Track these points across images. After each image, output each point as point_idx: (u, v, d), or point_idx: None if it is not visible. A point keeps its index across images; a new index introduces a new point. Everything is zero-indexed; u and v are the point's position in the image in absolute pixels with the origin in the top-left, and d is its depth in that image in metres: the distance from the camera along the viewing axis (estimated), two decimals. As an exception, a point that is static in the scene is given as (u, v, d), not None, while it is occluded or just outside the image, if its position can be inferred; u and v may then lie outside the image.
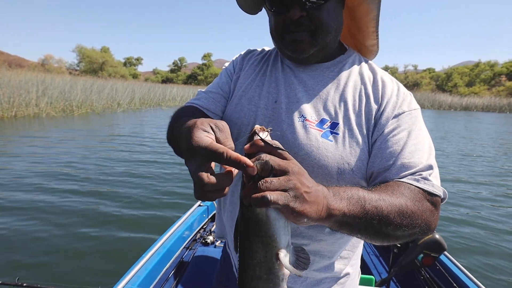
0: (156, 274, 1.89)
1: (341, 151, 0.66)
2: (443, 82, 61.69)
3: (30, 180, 5.00)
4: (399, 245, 1.90)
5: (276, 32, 0.72)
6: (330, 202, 0.49)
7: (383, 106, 0.69)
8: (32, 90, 13.55)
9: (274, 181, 0.42)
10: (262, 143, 0.46)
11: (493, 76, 59.01)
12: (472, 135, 14.18)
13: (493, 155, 9.24)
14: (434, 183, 0.62)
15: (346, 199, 0.51)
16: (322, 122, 0.69)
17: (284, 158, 0.46)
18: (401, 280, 1.99)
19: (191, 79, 71.31)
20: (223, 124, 0.49)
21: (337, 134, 0.67)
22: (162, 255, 1.96)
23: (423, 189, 0.61)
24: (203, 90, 0.86)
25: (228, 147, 0.44)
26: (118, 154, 7.17)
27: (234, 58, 0.90)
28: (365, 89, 0.72)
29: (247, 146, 0.47)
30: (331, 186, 0.53)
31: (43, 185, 4.80)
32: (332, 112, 0.69)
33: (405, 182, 0.61)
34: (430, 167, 0.64)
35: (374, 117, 0.69)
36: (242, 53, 0.89)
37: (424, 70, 73.34)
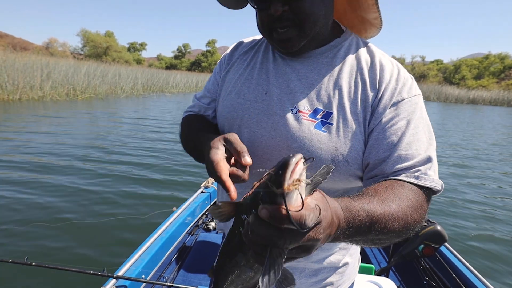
0: (159, 258, 1.93)
1: (335, 142, 0.64)
2: (451, 74, 60.59)
3: (35, 160, 5.07)
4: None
5: (263, 30, 0.69)
6: (345, 224, 0.44)
7: (381, 92, 0.64)
8: (36, 73, 13.55)
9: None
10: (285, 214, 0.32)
11: (503, 69, 57.78)
12: (476, 129, 14.06)
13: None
14: (434, 178, 0.60)
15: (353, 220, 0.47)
16: (315, 112, 0.66)
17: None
18: (401, 269, 2.02)
19: (195, 66, 70.79)
20: (231, 137, 0.59)
21: (331, 124, 0.64)
22: (165, 239, 1.99)
23: (421, 186, 0.59)
24: (197, 95, 0.90)
25: (241, 152, 0.57)
26: (122, 138, 7.21)
27: (223, 55, 0.88)
28: (362, 74, 0.67)
29: (264, 212, 0.33)
30: (343, 201, 0.47)
31: (49, 166, 4.86)
32: (326, 101, 0.66)
33: (405, 181, 0.58)
34: (428, 160, 0.61)
35: (371, 105, 0.64)
36: (232, 47, 0.87)
37: (432, 62, 71.99)
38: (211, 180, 2.87)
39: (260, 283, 0.33)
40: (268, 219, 0.32)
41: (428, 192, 0.60)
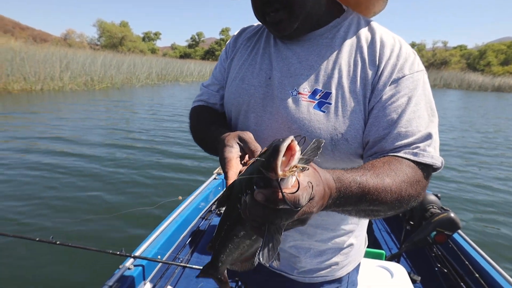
0: (174, 241, 2.00)
1: (334, 121, 0.64)
2: (475, 60, 57.45)
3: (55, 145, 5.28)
4: (411, 222, 1.91)
5: (257, 14, 0.69)
6: (336, 194, 0.46)
7: (381, 69, 0.63)
8: (56, 64, 13.94)
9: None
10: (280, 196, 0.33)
11: (534, 54, 54.37)
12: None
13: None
14: (434, 155, 0.59)
15: (346, 188, 0.48)
16: (314, 93, 0.66)
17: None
18: (412, 256, 2.01)
19: (209, 54, 70.62)
20: (245, 136, 0.59)
21: (330, 104, 0.64)
22: (180, 223, 2.06)
23: (421, 162, 0.59)
24: (204, 83, 0.91)
25: (255, 151, 0.56)
26: (143, 125, 7.38)
27: (227, 42, 0.89)
28: (361, 52, 0.65)
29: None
30: (335, 173, 0.48)
31: (69, 151, 5.06)
32: (325, 81, 0.66)
33: (403, 157, 0.58)
34: (428, 136, 0.60)
35: (371, 82, 0.63)
36: (236, 33, 0.87)
37: (455, 47, 68.63)
38: (224, 167, 2.91)
39: (260, 258, 0.34)
40: (264, 203, 0.34)
41: (427, 168, 0.60)
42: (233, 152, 0.57)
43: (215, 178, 2.80)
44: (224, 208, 0.49)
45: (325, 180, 0.42)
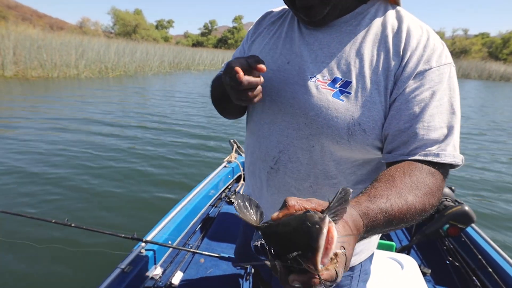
0: (184, 227, 2.04)
1: (352, 111, 0.62)
2: (498, 49, 54.85)
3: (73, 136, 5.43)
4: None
5: None
6: (363, 231, 0.45)
7: (405, 60, 0.60)
8: (71, 52, 14.17)
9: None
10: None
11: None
12: None
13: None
14: (455, 154, 0.59)
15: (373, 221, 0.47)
16: (334, 81, 0.65)
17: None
18: (423, 248, 1.98)
19: (221, 43, 70.15)
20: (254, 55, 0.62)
21: (349, 93, 0.63)
22: (190, 210, 2.09)
23: (442, 163, 0.58)
24: (226, 62, 0.91)
25: (258, 60, 0.60)
26: (152, 115, 7.48)
27: (251, 26, 0.89)
28: (386, 41, 0.63)
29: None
30: (361, 206, 0.46)
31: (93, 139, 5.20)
32: (346, 70, 0.64)
33: (424, 161, 0.57)
34: (450, 134, 0.59)
35: (395, 73, 0.61)
36: (260, 16, 0.87)
37: (476, 35, 65.58)
38: (233, 155, 2.92)
39: None
40: (299, 286, 0.33)
41: (447, 168, 0.59)
42: (241, 60, 0.61)
43: (225, 166, 2.82)
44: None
45: (354, 224, 0.41)
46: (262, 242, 0.38)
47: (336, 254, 0.32)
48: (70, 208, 3.15)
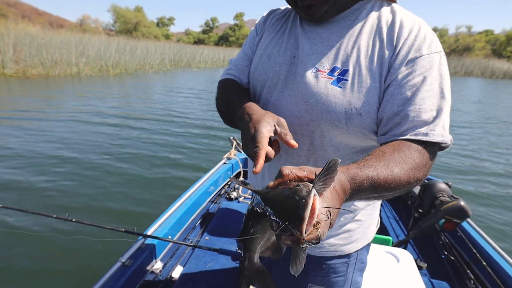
0: (184, 222, 2.07)
1: (349, 96, 0.67)
2: (502, 46, 54.28)
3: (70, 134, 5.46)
4: (420, 210, 1.89)
5: None
6: (349, 193, 0.49)
7: (398, 49, 0.65)
8: (71, 50, 14.18)
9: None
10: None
11: None
12: None
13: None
14: (443, 133, 0.63)
15: (360, 186, 0.52)
16: (333, 70, 0.70)
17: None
18: (419, 243, 2.00)
19: (223, 40, 69.97)
20: (283, 121, 0.64)
21: (346, 80, 0.68)
22: (189, 206, 2.12)
23: (429, 142, 0.62)
24: (233, 59, 0.95)
25: (288, 138, 0.61)
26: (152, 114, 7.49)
27: (257, 21, 0.94)
28: (380, 33, 0.68)
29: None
30: (350, 172, 0.50)
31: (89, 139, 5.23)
32: (344, 60, 0.69)
33: (413, 140, 0.61)
34: (440, 115, 0.63)
35: (388, 61, 0.66)
36: (267, 13, 0.92)
37: (480, 32, 65.00)
38: (233, 152, 2.94)
39: (291, 270, 0.43)
40: (289, 244, 0.40)
41: (435, 147, 0.63)
42: (269, 129, 0.61)
43: (224, 163, 2.84)
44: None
45: (341, 187, 0.46)
46: (261, 205, 0.45)
47: (319, 222, 0.38)
48: (70, 203, 3.19)
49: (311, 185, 0.40)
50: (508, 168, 5.13)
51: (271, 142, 0.62)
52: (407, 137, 0.62)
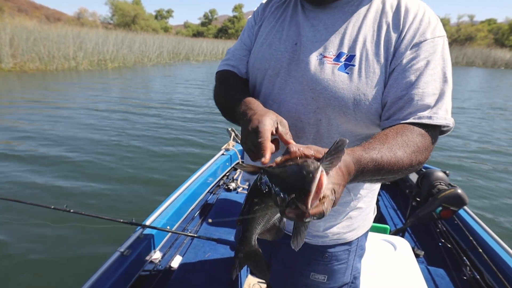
0: (183, 212, 2.07)
1: (357, 82, 0.67)
2: (504, 35, 53.45)
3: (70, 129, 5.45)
4: (418, 199, 1.89)
5: None
6: (354, 175, 0.51)
7: (403, 33, 0.66)
8: (69, 44, 14.08)
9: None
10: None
11: None
12: None
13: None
14: (446, 116, 0.64)
15: (364, 167, 0.53)
16: (339, 56, 0.69)
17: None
18: (416, 231, 2.02)
19: (222, 32, 69.34)
20: (285, 122, 0.63)
21: (353, 65, 0.67)
22: (188, 196, 2.12)
23: (432, 125, 0.63)
24: (231, 49, 0.93)
25: (288, 137, 0.60)
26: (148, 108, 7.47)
27: (255, 9, 0.91)
28: (386, 17, 0.68)
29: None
30: (355, 154, 0.52)
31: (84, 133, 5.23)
32: (350, 45, 0.69)
33: (416, 124, 0.62)
34: (442, 98, 0.64)
35: (394, 46, 0.66)
36: (264, 2, 0.90)
37: (482, 22, 64.05)
38: (231, 143, 2.94)
39: (292, 245, 0.45)
40: (294, 219, 0.40)
41: (437, 131, 0.64)
42: (272, 123, 0.60)
43: (223, 154, 2.84)
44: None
45: (346, 169, 0.47)
46: (266, 182, 0.46)
47: (324, 197, 0.39)
48: (69, 193, 3.20)
49: (318, 162, 0.40)
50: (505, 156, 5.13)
51: (271, 141, 0.61)
52: (410, 120, 0.62)
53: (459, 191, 1.60)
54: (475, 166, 4.66)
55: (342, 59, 0.68)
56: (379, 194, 2.68)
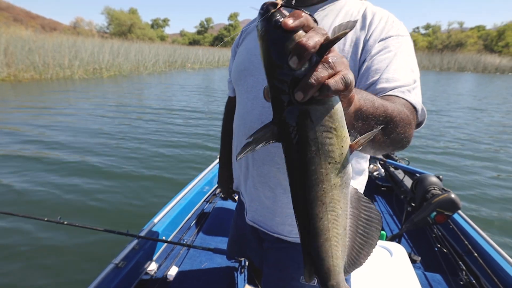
0: (179, 222, 2.06)
1: None
2: (493, 41, 54.82)
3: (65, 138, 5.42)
4: (413, 204, 1.91)
5: None
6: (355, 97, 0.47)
7: (371, 31, 0.72)
8: (64, 53, 14.09)
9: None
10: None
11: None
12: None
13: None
14: (418, 100, 0.65)
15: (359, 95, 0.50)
16: None
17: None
18: (412, 237, 2.02)
19: (218, 41, 69.87)
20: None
21: None
22: (184, 206, 2.11)
23: (408, 101, 0.63)
24: (228, 79, 1.05)
25: None
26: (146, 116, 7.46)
27: (232, 45, 1.02)
28: (353, 19, 0.75)
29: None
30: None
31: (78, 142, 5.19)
32: None
33: (393, 95, 0.64)
34: (413, 82, 0.67)
35: (362, 42, 0.72)
36: (240, 33, 0.99)
37: (472, 28, 65.45)
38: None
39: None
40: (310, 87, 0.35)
41: (414, 110, 0.63)
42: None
43: (218, 163, 2.83)
44: None
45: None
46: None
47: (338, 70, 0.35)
48: (62, 206, 3.15)
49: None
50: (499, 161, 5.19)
51: None
52: (389, 93, 0.63)
53: (453, 195, 1.62)
54: (469, 169, 4.69)
55: None
56: (374, 200, 2.69)
